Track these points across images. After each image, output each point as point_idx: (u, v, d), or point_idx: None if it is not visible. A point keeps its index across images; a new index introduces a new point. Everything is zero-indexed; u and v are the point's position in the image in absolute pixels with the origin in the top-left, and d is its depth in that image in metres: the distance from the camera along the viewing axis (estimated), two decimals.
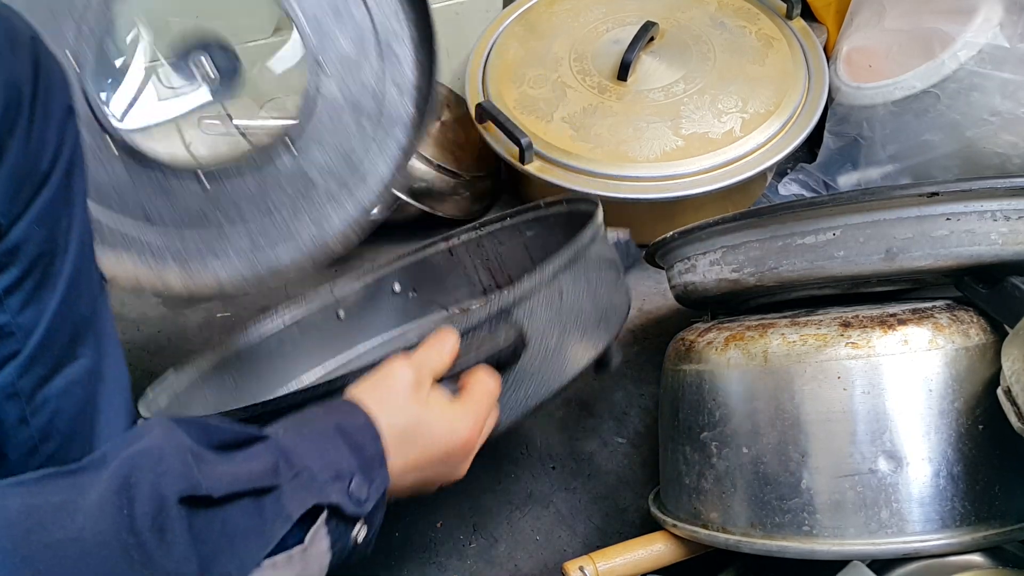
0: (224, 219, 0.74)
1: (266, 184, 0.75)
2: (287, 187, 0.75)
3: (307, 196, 0.75)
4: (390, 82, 0.78)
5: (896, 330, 0.65)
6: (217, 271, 0.73)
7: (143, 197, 0.73)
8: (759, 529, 0.67)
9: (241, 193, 0.75)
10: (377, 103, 0.78)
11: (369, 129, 0.77)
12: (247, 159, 0.74)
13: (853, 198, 0.67)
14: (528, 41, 1.20)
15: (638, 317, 1.07)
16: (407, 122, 0.78)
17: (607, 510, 0.88)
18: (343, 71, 0.77)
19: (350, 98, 0.77)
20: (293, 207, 0.75)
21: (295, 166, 0.75)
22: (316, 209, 0.75)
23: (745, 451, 0.68)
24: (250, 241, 0.74)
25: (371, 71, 0.78)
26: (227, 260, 0.73)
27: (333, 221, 0.75)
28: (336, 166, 0.76)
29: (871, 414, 0.64)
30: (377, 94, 0.78)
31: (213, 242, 0.73)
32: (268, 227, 0.74)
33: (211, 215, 0.73)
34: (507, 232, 0.99)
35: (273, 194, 0.75)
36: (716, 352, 0.71)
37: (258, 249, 0.74)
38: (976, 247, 0.65)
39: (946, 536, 0.62)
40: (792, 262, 0.70)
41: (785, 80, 1.12)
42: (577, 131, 1.08)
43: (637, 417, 0.96)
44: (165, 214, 0.73)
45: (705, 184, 1.04)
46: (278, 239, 0.74)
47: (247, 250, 0.73)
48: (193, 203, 0.73)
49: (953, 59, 1.02)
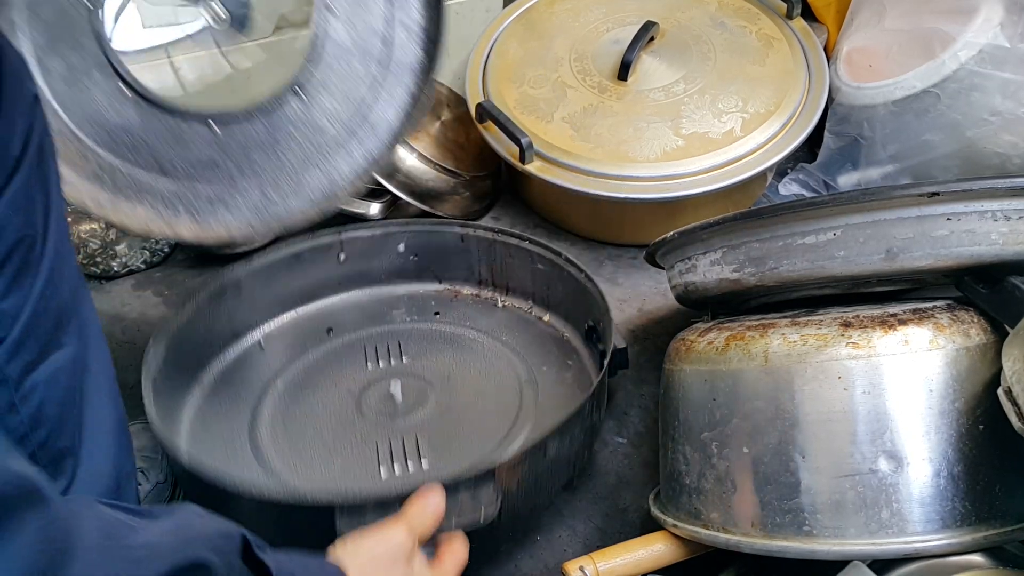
0: (235, 168, 0.74)
1: (276, 131, 0.75)
2: (296, 134, 0.75)
3: (316, 144, 0.75)
4: (399, 25, 0.77)
5: (897, 330, 0.65)
6: (227, 221, 0.73)
7: (156, 144, 0.73)
8: (759, 529, 0.67)
9: (251, 139, 0.75)
10: (386, 47, 0.76)
11: (378, 75, 0.76)
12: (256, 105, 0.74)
13: (853, 198, 0.67)
14: (528, 41, 1.20)
15: (638, 317, 1.07)
16: (416, 67, 0.77)
17: (607, 510, 0.88)
18: (351, 13, 0.76)
19: (359, 42, 0.76)
20: (303, 155, 0.75)
21: (304, 112, 0.75)
22: (325, 158, 0.75)
23: (745, 451, 0.68)
24: (260, 192, 0.74)
25: (379, 13, 0.76)
26: (237, 211, 0.73)
27: (342, 170, 0.75)
28: (345, 113, 0.75)
29: (872, 414, 0.64)
30: (386, 38, 0.76)
31: (224, 192, 0.73)
32: (278, 176, 0.74)
33: (222, 163, 0.73)
34: (521, 252, 1.01)
35: (283, 141, 0.75)
36: (716, 352, 0.71)
37: (268, 199, 0.74)
38: (976, 247, 0.65)
39: (947, 536, 0.62)
40: (793, 262, 0.70)
41: (785, 80, 1.12)
42: (577, 131, 1.08)
43: (637, 417, 0.96)
44: (178, 163, 0.73)
45: (705, 184, 1.04)
46: (288, 190, 0.74)
47: (257, 200, 0.74)
48: (204, 151, 0.74)
49: (953, 59, 1.03)
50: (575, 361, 0.97)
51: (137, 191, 0.73)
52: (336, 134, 0.75)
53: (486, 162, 1.19)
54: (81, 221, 1.06)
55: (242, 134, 0.75)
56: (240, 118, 0.74)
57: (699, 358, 0.72)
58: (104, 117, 0.73)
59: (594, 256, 1.14)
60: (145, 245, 1.10)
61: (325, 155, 0.75)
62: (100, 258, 1.09)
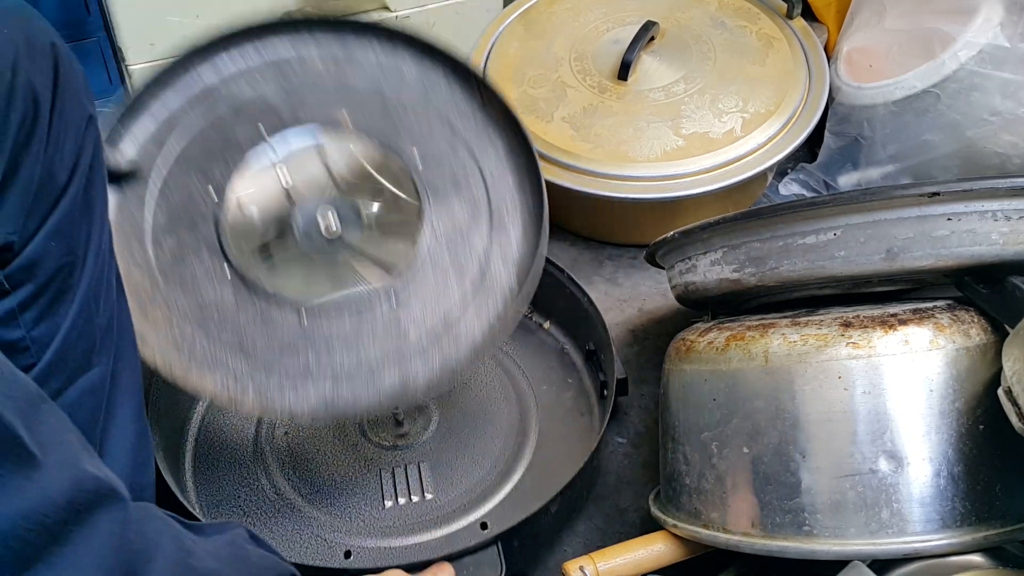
0: (313, 357, 0.75)
1: (361, 328, 0.76)
2: (380, 334, 0.77)
3: (398, 347, 0.76)
4: (496, 252, 0.80)
5: (897, 330, 0.65)
6: (293, 406, 0.74)
7: (243, 325, 0.75)
8: (759, 529, 0.67)
9: (335, 332, 0.76)
10: (481, 270, 0.80)
11: (470, 293, 0.79)
12: (349, 302, 0.77)
13: (854, 198, 0.67)
14: (528, 41, 1.20)
15: (638, 317, 1.07)
16: (507, 292, 0.79)
17: (607, 510, 0.88)
18: (454, 235, 0.80)
19: (457, 263, 0.79)
20: (382, 355, 0.76)
21: (392, 315, 0.77)
22: (404, 361, 0.76)
23: (745, 451, 0.68)
24: (332, 383, 0.75)
25: (480, 240, 0.80)
26: (305, 398, 0.74)
27: (418, 376, 0.76)
28: (431, 322, 0.77)
29: (872, 414, 0.64)
30: (482, 262, 0.80)
31: (297, 379, 0.74)
32: (354, 372, 0.75)
33: (302, 351, 0.75)
34: None
35: (365, 338, 0.76)
36: (717, 352, 0.71)
37: (338, 391, 0.75)
38: (977, 247, 0.65)
39: (947, 536, 0.62)
40: (793, 262, 0.70)
41: (786, 80, 1.12)
42: (577, 131, 1.08)
43: (637, 417, 0.96)
44: (259, 346, 0.75)
45: (706, 184, 1.04)
46: (360, 386, 0.75)
47: (327, 391, 0.74)
48: (288, 337, 0.75)
49: (953, 59, 1.02)
50: (574, 379, 0.97)
51: (212, 365, 0.74)
52: (419, 340, 0.76)
53: None
54: None
55: (328, 326, 0.76)
56: (331, 312, 0.76)
57: (699, 358, 0.72)
58: (200, 293, 0.76)
59: (594, 256, 1.14)
60: None
61: (404, 359, 0.76)
62: None
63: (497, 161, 0.83)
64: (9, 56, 0.51)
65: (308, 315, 0.76)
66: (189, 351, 0.74)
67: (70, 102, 0.55)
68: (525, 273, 0.79)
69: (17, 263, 0.53)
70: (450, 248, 0.80)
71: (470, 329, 0.77)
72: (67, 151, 0.55)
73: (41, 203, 0.53)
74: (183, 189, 0.79)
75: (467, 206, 0.81)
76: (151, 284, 0.76)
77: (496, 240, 0.81)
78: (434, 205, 0.81)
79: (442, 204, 0.81)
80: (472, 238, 0.81)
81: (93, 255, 0.58)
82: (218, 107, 0.82)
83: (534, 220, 0.81)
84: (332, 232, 0.80)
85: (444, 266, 0.79)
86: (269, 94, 0.83)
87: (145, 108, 0.81)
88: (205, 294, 0.76)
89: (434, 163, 0.82)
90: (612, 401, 0.87)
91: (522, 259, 0.80)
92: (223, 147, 0.81)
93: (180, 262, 0.77)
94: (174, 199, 0.79)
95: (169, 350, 0.74)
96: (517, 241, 0.81)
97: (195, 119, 0.81)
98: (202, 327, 0.75)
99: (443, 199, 0.81)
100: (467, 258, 0.80)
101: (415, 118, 0.84)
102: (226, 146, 0.81)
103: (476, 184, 0.82)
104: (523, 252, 0.81)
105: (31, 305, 0.54)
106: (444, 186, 0.81)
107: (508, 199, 0.82)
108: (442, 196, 0.81)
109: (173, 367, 0.73)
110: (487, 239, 0.81)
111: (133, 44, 1.05)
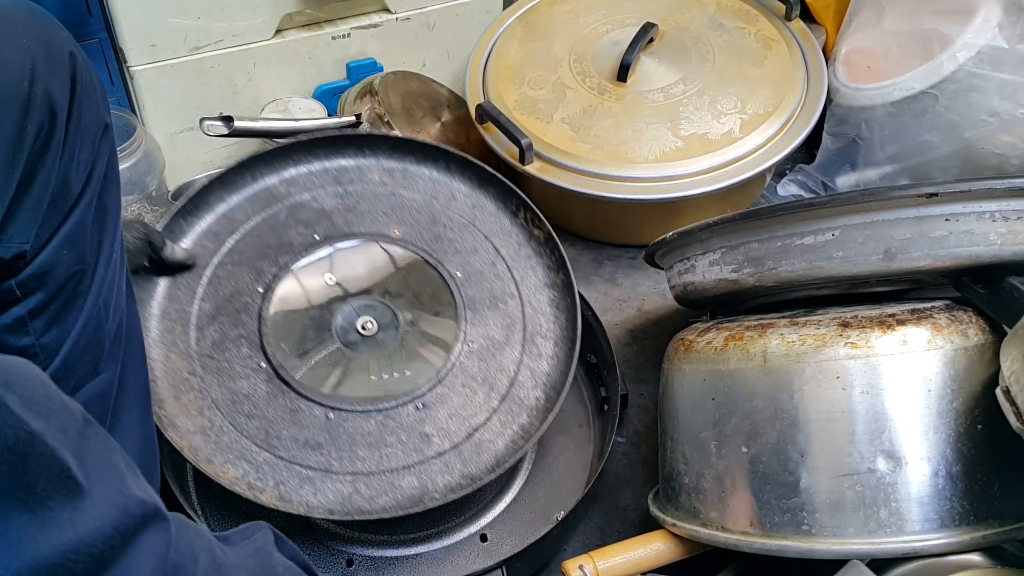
0: (336, 455, 0.78)
1: (386, 430, 0.79)
2: (404, 438, 0.79)
3: (420, 452, 0.79)
4: (526, 369, 0.84)
5: (895, 330, 0.65)
6: (310, 502, 0.76)
7: (271, 416, 0.78)
8: (758, 528, 0.67)
9: (360, 433, 0.79)
10: (509, 384, 0.83)
11: (496, 405, 0.82)
12: (377, 405, 0.80)
13: (852, 199, 0.67)
14: (528, 42, 1.20)
15: (638, 317, 1.07)
16: (532, 407, 0.83)
17: (606, 509, 0.88)
18: (486, 350, 0.84)
19: (486, 374, 0.83)
20: (404, 459, 0.78)
21: (417, 421, 0.80)
22: (425, 467, 0.78)
23: (744, 451, 0.68)
24: (352, 484, 0.77)
25: (511, 356, 0.85)
26: (323, 495, 0.76)
27: (438, 483, 0.78)
28: (456, 431, 0.80)
29: (870, 414, 0.64)
30: (512, 377, 0.84)
31: (317, 477, 0.77)
32: (374, 474, 0.78)
33: (326, 449, 0.77)
34: None
35: (389, 441, 0.79)
36: (715, 352, 0.71)
37: (357, 492, 0.77)
38: (975, 247, 0.66)
39: (945, 535, 0.62)
40: (791, 262, 0.70)
41: (784, 81, 1.12)
42: (577, 132, 1.09)
43: (637, 417, 0.96)
44: (285, 440, 0.77)
45: (704, 185, 1.05)
46: (379, 488, 0.77)
47: (347, 490, 0.77)
48: (314, 434, 0.78)
49: (952, 60, 1.03)
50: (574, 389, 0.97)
51: (236, 455, 0.76)
52: (441, 448, 0.79)
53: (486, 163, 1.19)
54: None
55: (354, 427, 0.79)
56: (358, 411, 0.79)
57: (698, 358, 0.72)
58: (234, 382, 0.79)
59: (594, 256, 1.15)
60: None
61: (425, 464, 0.79)
62: None
63: (536, 285, 0.89)
64: (27, 66, 0.50)
65: (335, 413, 0.79)
66: (216, 439, 0.76)
67: (87, 111, 0.55)
68: (555, 392, 0.83)
69: (29, 271, 0.53)
70: (481, 361, 0.84)
71: (493, 440, 0.80)
72: (82, 160, 0.55)
73: (55, 212, 0.53)
74: (232, 282, 0.83)
75: (502, 324, 0.86)
76: (188, 370, 0.79)
77: (527, 358, 0.85)
78: (470, 319, 0.86)
79: (478, 319, 0.86)
80: (504, 354, 0.85)
81: (104, 262, 0.58)
82: (275, 208, 0.88)
83: (567, 344, 0.86)
84: (369, 336, 0.84)
85: (473, 377, 0.83)
86: (325, 200, 0.89)
87: (206, 204, 0.86)
88: (239, 384, 0.79)
89: (475, 281, 0.88)
90: (617, 418, 0.88)
91: (550, 378, 0.84)
92: (276, 247, 0.86)
93: (220, 351, 0.80)
94: (222, 290, 0.83)
95: (196, 438, 0.76)
96: (548, 361, 0.85)
97: (252, 217, 0.87)
98: (231, 417, 0.78)
99: (480, 315, 0.86)
100: (497, 372, 0.84)
101: (461, 236, 0.90)
102: (279, 246, 0.86)
103: (513, 305, 0.88)
104: (552, 371, 0.85)
105: (41, 312, 0.54)
106: (482, 303, 0.87)
107: (543, 322, 0.87)
108: (479, 312, 0.86)
109: (198, 453, 0.75)
110: (519, 356, 0.85)
111: (135, 46, 1.05)
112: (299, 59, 1.16)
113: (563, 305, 0.88)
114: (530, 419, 0.82)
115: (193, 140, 1.12)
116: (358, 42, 1.18)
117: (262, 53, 1.13)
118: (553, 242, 0.89)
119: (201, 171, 1.16)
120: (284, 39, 1.14)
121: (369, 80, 1.14)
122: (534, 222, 0.91)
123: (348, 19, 1.17)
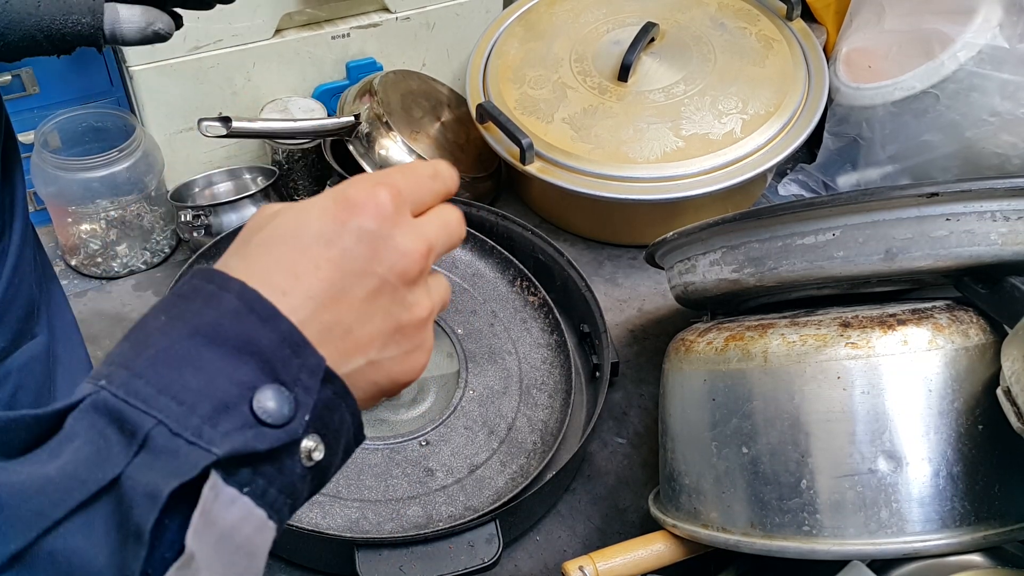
0: (344, 482, 0.83)
1: (392, 463, 0.86)
2: (409, 471, 0.85)
3: (424, 484, 0.85)
4: (523, 416, 0.92)
5: (896, 330, 0.65)
6: (319, 521, 0.81)
7: None
8: (759, 529, 0.67)
9: (367, 464, 0.85)
10: (508, 429, 0.90)
11: (496, 447, 0.89)
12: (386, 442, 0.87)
13: (853, 198, 0.67)
14: (528, 42, 1.20)
15: (638, 317, 1.07)
16: (531, 452, 0.89)
17: (607, 510, 0.88)
18: (486, 398, 0.92)
19: (486, 418, 0.91)
20: (409, 490, 0.84)
21: (422, 456, 0.87)
22: (429, 497, 0.84)
23: (745, 451, 0.68)
24: (360, 510, 0.82)
25: (510, 405, 0.92)
26: (332, 519, 0.81)
27: (440, 512, 0.83)
28: (458, 467, 0.86)
29: (871, 414, 0.64)
30: (510, 423, 0.91)
31: (326, 502, 0.82)
32: (381, 502, 0.83)
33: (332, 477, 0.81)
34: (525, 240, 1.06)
35: (395, 473, 0.85)
36: (716, 352, 0.71)
37: (364, 518, 0.81)
38: (975, 247, 0.65)
39: (946, 536, 0.62)
40: (792, 262, 0.70)
41: (785, 81, 1.12)
42: (578, 132, 1.08)
43: (637, 417, 0.96)
44: None
45: (705, 185, 1.04)
46: (385, 516, 0.82)
47: (355, 515, 0.81)
48: None
49: (952, 60, 1.03)
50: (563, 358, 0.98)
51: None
52: (444, 482, 0.85)
53: (486, 163, 1.19)
54: (81, 221, 1.06)
55: (362, 458, 0.84)
56: (366, 445, 0.84)
57: (698, 358, 0.72)
58: None
59: (594, 256, 1.15)
60: (146, 246, 1.10)
61: (430, 496, 0.84)
62: (101, 258, 1.09)
63: (532, 344, 0.97)
64: None
65: None
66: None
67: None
68: (551, 437, 0.89)
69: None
70: (481, 406, 0.91)
71: (494, 477, 0.86)
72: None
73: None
74: None
75: (500, 375, 0.94)
76: None
77: (524, 406, 0.92)
78: (471, 369, 0.94)
79: (478, 369, 0.94)
80: (502, 401, 0.92)
81: (19, 224, 0.60)
82: None
83: (561, 396, 0.93)
84: None
85: (474, 420, 0.90)
86: None
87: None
88: None
89: (474, 337, 0.97)
90: (607, 383, 0.90)
91: (547, 425, 0.91)
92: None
93: None
94: None
95: None
96: (544, 410, 0.93)
97: None
98: None
99: (480, 366, 0.95)
100: (496, 417, 0.91)
101: (460, 299, 1.00)
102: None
103: (511, 360, 0.96)
104: (548, 419, 0.92)
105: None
106: (481, 356, 0.96)
107: (538, 376, 0.95)
108: (479, 363, 0.95)
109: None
110: (516, 404, 0.92)
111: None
112: (299, 59, 1.16)
113: (557, 362, 0.96)
114: (528, 461, 0.88)
115: (193, 140, 1.12)
116: (358, 42, 1.18)
117: (261, 53, 1.13)
118: (548, 306, 0.98)
119: (201, 171, 1.16)
120: (284, 39, 1.13)
121: (369, 79, 1.14)
122: (530, 289, 1.01)
123: (348, 19, 1.17)
